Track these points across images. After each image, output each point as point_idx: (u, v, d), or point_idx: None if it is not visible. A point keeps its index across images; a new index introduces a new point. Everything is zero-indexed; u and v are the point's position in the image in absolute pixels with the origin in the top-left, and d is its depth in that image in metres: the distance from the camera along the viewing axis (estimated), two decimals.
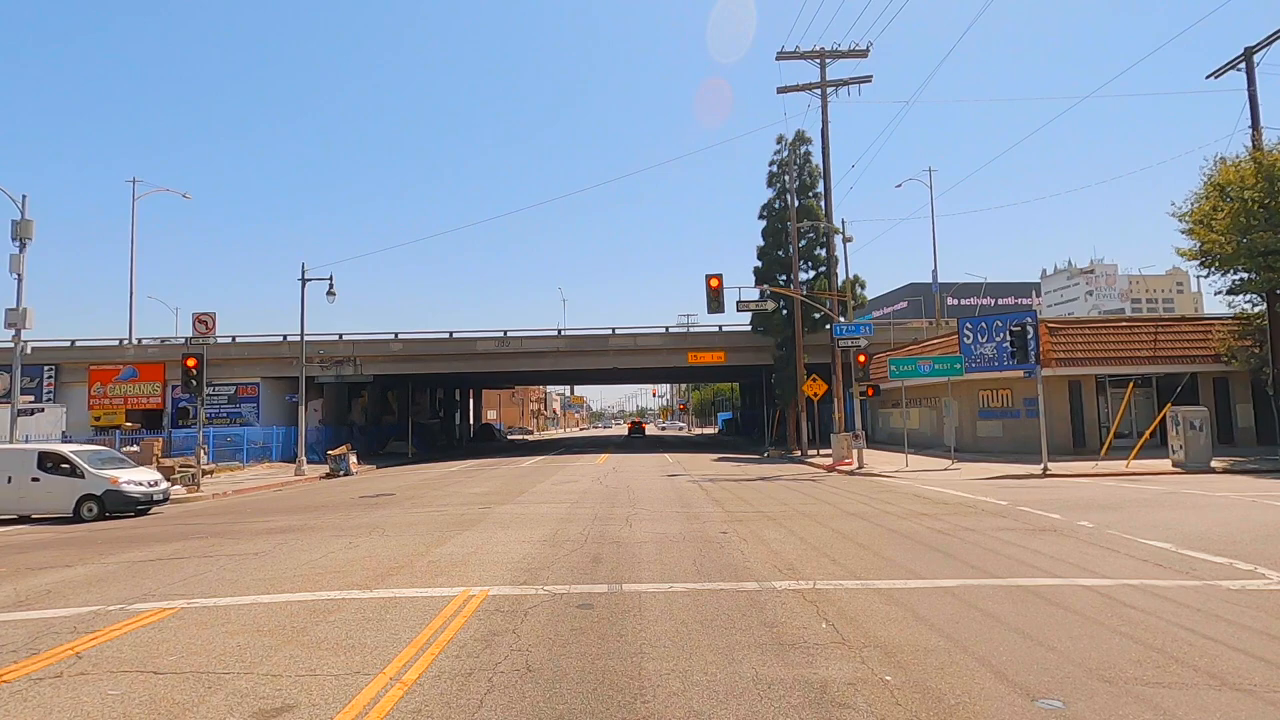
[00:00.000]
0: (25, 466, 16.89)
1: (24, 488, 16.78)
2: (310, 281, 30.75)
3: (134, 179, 41.31)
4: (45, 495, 16.80)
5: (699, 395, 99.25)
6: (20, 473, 16.82)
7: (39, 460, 17.02)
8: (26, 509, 16.96)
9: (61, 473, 16.88)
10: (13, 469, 16.86)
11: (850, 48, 26.05)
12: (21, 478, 16.79)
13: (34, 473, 16.82)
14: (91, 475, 16.93)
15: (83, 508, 16.71)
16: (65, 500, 16.76)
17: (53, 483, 16.84)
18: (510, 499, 17.19)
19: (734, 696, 4.58)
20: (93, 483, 16.86)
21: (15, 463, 16.99)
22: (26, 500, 16.83)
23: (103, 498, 16.78)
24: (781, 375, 35.14)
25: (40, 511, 16.98)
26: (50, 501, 16.84)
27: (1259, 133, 20.84)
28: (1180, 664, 4.97)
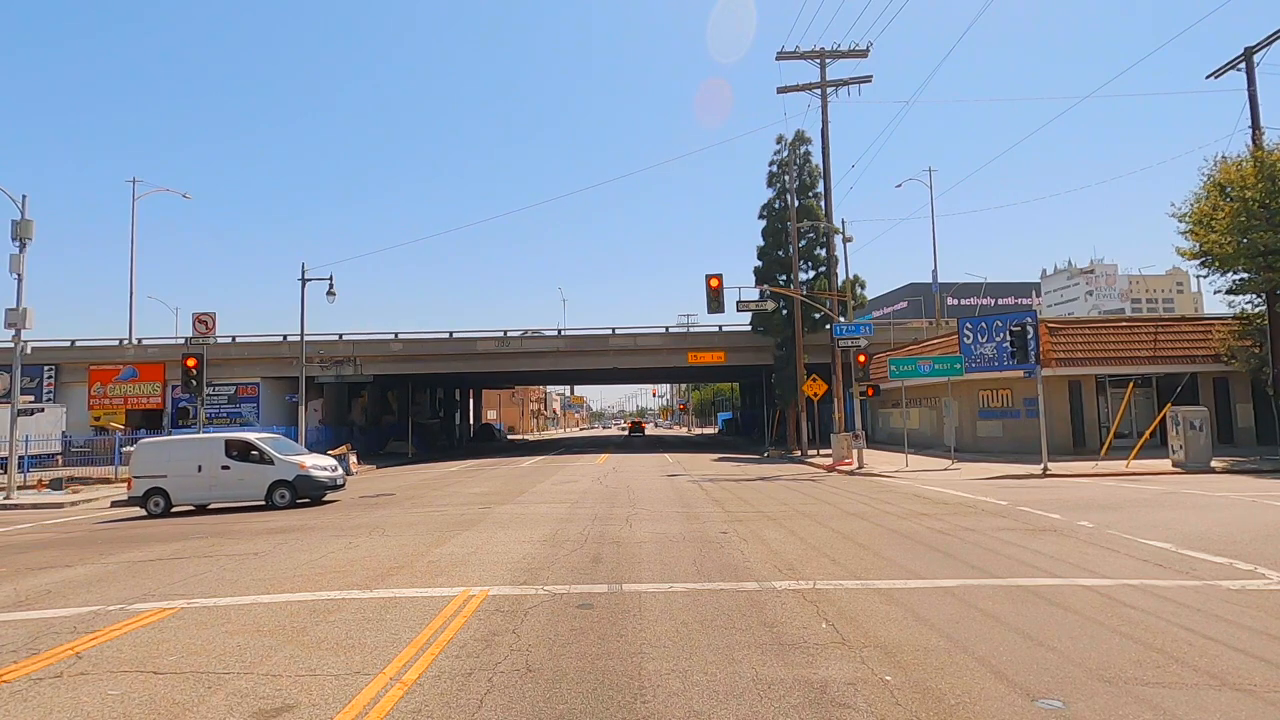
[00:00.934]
0: (214, 455, 16.98)
1: (215, 476, 16.86)
2: (310, 281, 30.76)
3: (134, 179, 41.37)
4: (237, 482, 16.89)
5: (699, 395, 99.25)
6: (210, 461, 16.90)
7: (226, 448, 17.09)
8: (218, 497, 17.04)
9: (251, 460, 16.96)
10: (202, 458, 16.94)
11: (850, 48, 26.04)
12: (211, 466, 16.87)
13: (223, 460, 16.89)
14: (281, 461, 17.04)
15: (275, 494, 16.79)
16: (257, 487, 16.86)
17: (244, 470, 16.91)
18: (510, 499, 17.19)
19: (734, 696, 4.58)
20: (283, 469, 16.95)
21: (204, 451, 17.09)
22: (218, 488, 16.92)
23: (294, 483, 16.87)
24: (781, 375, 35.15)
25: (232, 499, 17.03)
26: (242, 489, 16.93)
27: (1259, 132, 20.84)
28: (1180, 664, 4.97)
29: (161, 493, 16.89)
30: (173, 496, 16.90)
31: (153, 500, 16.85)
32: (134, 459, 17.54)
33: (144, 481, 16.98)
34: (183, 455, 17.16)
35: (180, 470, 16.93)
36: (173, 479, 16.91)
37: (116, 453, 28.25)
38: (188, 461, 16.98)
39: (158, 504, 16.84)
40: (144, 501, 16.89)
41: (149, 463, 17.17)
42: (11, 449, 22.35)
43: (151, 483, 16.93)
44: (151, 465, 17.09)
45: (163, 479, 16.92)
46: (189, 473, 16.89)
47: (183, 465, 16.96)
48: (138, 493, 16.97)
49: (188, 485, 16.92)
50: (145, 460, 17.28)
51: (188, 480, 16.89)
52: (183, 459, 17.06)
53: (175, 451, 17.38)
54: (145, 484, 16.97)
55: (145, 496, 16.88)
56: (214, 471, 16.89)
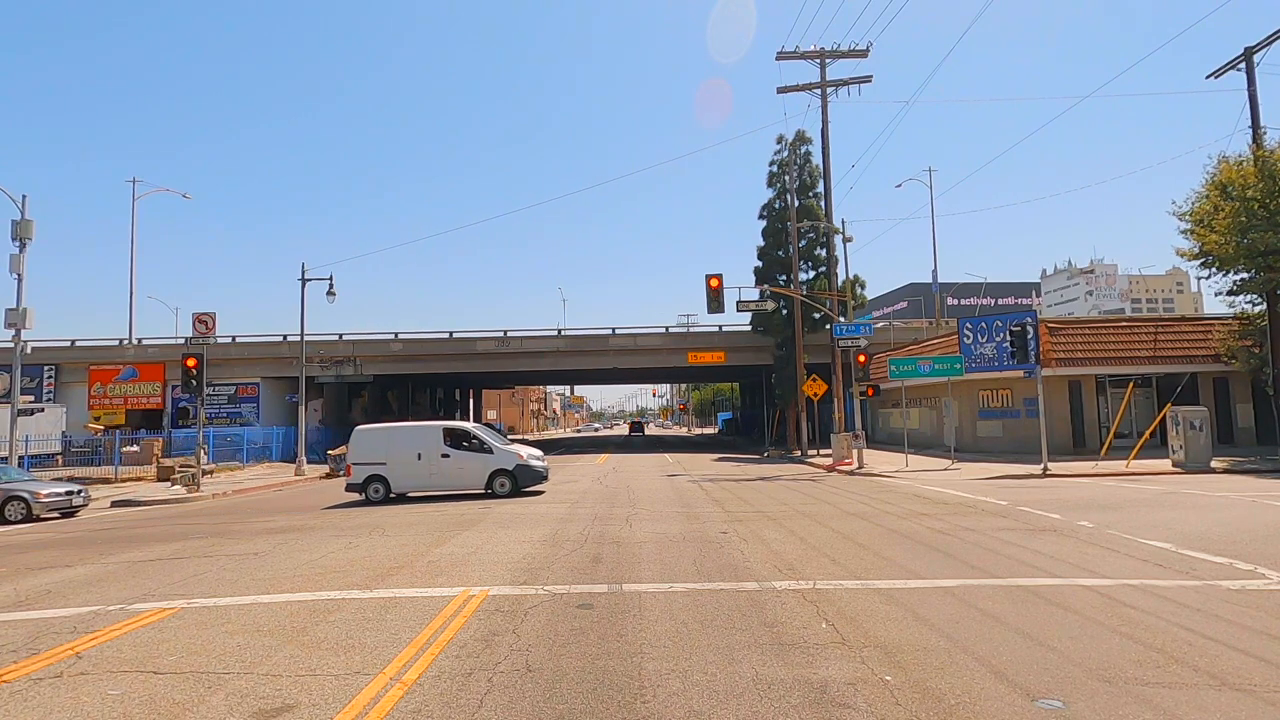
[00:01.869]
0: (434, 443, 16.93)
1: (435, 464, 16.82)
2: (310, 281, 30.74)
3: (134, 179, 41.37)
4: (457, 471, 16.84)
5: (699, 395, 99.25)
6: (430, 449, 16.85)
7: (445, 436, 17.02)
8: (438, 485, 16.99)
9: (470, 449, 16.90)
10: (422, 445, 16.90)
11: (850, 48, 26.04)
12: (431, 454, 16.82)
13: (443, 449, 16.84)
14: (500, 451, 17.01)
15: (495, 482, 16.69)
16: (478, 476, 16.79)
17: (463, 459, 16.85)
18: (510, 499, 17.17)
19: (734, 696, 4.58)
20: (502, 458, 16.90)
21: (424, 439, 17.05)
22: (437, 476, 16.88)
23: (514, 473, 16.81)
24: (781, 375, 35.15)
25: (452, 488, 16.96)
26: (462, 477, 16.86)
27: (1260, 132, 20.84)
28: (1180, 664, 4.97)
29: (382, 480, 16.84)
30: (392, 484, 16.86)
31: (372, 487, 16.80)
32: (353, 445, 17.40)
33: (364, 468, 16.88)
34: (403, 442, 17.08)
35: (400, 458, 16.85)
36: (393, 466, 16.83)
37: (116, 453, 28.26)
38: (408, 449, 16.90)
39: (377, 490, 16.79)
40: (363, 488, 16.84)
41: (368, 450, 17.04)
42: (11, 449, 22.36)
43: (371, 470, 16.84)
44: (371, 452, 16.98)
45: (382, 466, 16.84)
46: (409, 460, 16.81)
47: (403, 453, 16.88)
48: (357, 479, 16.90)
49: (408, 473, 16.88)
50: (364, 447, 17.14)
51: (408, 468, 16.84)
52: (403, 446, 16.98)
53: (395, 439, 17.27)
54: (365, 471, 16.87)
55: (365, 483, 16.84)
56: (434, 460, 16.81)
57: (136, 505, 19.82)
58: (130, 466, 28.46)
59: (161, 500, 20.26)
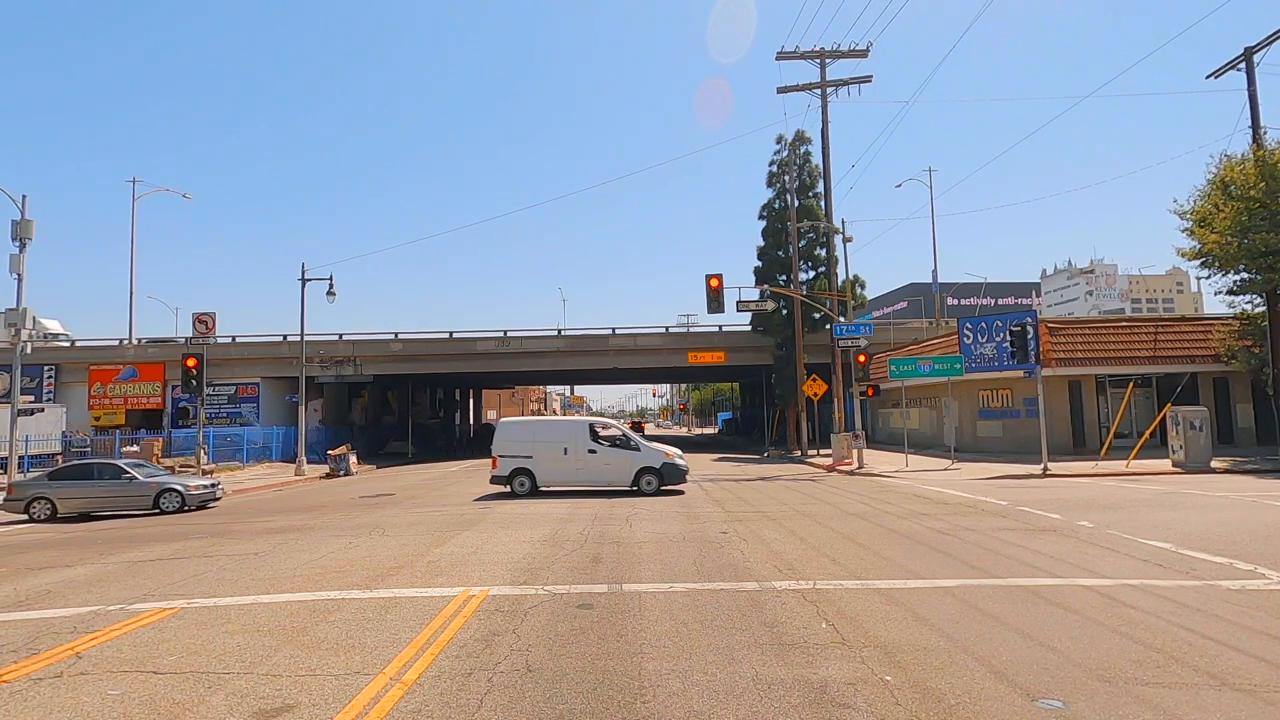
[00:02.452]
0: (580, 438, 16.91)
1: (581, 459, 16.80)
2: (310, 281, 30.74)
3: (134, 179, 41.31)
4: (603, 467, 16.80)
5: (699, 395, 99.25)
6: (576, 444, 16.84)
7: (591, 432, 17.03)
8: (583, 481, 16.96)
9: (616, 445, 16.90)
10: (569, 440, 16.91)
11: (850, 48, 26.04)
12: (578, 449, 16.81)
13: (590, 445, 16.82)
14: (646, 449, 16.99)
15: (641, 480, 16.63)
16: (624, 473, 16.73)
17: (611, 455, 16.82)
18: (510, 498, 17.18)
19: (734, 696, 4.58)
20: (649, 455, 16.88)
21: (570, 434, 17.06)
22: (584, 472, 16.86)
23: (661, 471, 16.73)
24: (781, 375, 35.14)
25: (597, 483, 16.95)
26: (608, 473, 16.82)
27: (1260, 132, 20.84)
28: (1180, 664, 4.97)
29: (528, 473, 16.87)
30: (539, 478, 16.88)
31: (518, 480, 16.83)
32: (498, 438, 17.40)
33: (510, 461, 16.90)
34: (549, 437, 17.13)
35: (546, 452, 16.87)
36: (539, 460, 16.85)
37: (116, 453, 28.26)
38: (554, 444, 16.92)
39: (523, 484, 16.82)
40: (509, 480, 16.85)
41: (514, 443, 17.07)
42: (11, 449, 22.34)
43: (518, 463, 16.85)
44: (516, 445, 16.99)
45: (529, 460, 16.86)
46: (555, 455, 16.83)
47: (549, 447, 16.90)
48: (503, 472, 16.93)
49: (554, 468, 16.88)
50: (510, 440, 17.16)
51: (554, 463, 16.84)
52: (549, 441, 17.01)
53: (540, 433, 17.31)
54: (511, 464, 16.89)
55: (511, 476, 16.85)
56: (580, 455, 16.79)
57: None
58: None
59: None
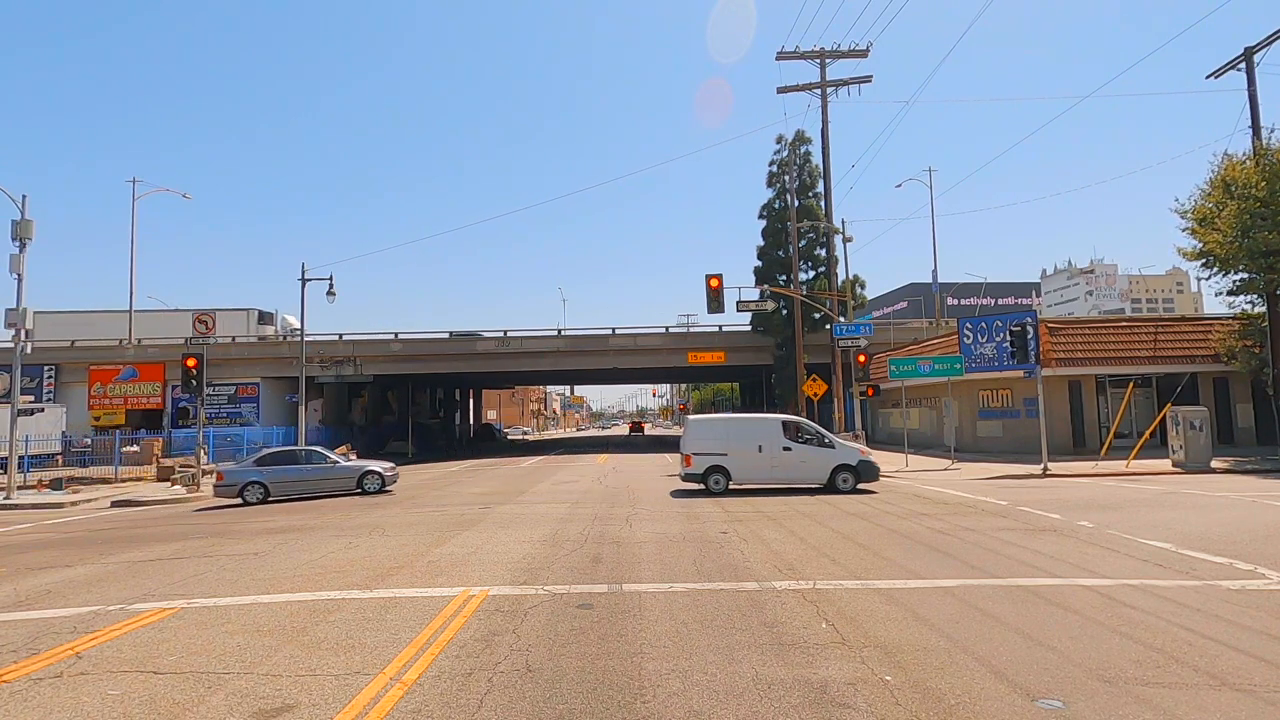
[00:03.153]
0: (774, 436, 16.79)
1: (776, 457, 16.66)
2: (310, 281, 30.76)
3: (134, 179, 41.31)
4: (799, 464, 16.68)
5: (699, 395, 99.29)
6: (770, 442, 16.72)
7: (785, 430, 16.93)
8: (779, 479, 16.87)
9: (811, 443, 16.79)
10: (762, 438, 16.79)
11: (850, 48, 26.06)
12: (772, 447, 16.69)
13: (784, 442, 16.72)
14: (841, 446, 16.88)
15: (838, 478, 16.51)
16: (820, 470, 16.63)
17: (806, 452, 16.69)
18: (510, 499, 17.19)
19: (734, 696, 4.58)
20: (845, 453, 16.74)
21: (764, 432, 16.94)
22: (779, 470, 16.74)
23: (858, 468, 16.62)
24: (781, 375, 35.17)
25: (792, 481, 16.90)
26: (804, 471, 16.71)
27: (1260, 132, 20.84)
28: (1180, 664, 4.97)
29: (723, 471, 16.79)
30: (734, 476, 16.83)
31: (713, 478, 16.77)
32: (690, 436, 17.30)
33: (704, 459, 16.83)
34: (742, 435, 17.02)
35: (741, 450, 16.80)
36: (733, 458, 16.78)
37: (116, 453, 28.26)
38: (748, 441, 16.84)
39: (718, 482, 16.76)
40: (704, 479, 16.82)
41: (707, 441, 17.01)
42: (11, 449, 22.34)
43: (713, 461, 16.79)
44: (710, 443, 16.94)
45: (724, 457, 16.81)
46: (750, 452, 16.75)
47: (743, 445, 16.82)
48: (698, 470, 16.83)
49: (749, 465, 16.79)
50: (702, 438, 17.09)
51: (749, 460, 16.76)
52: (743, 438, 16.91)
53: (734, 430, 17.23)
54: (706, 461, 16.81)
55: (706, 474, 16.81)
56: (775, 453, 16.69)
57: (136, 505, 19.82)
58: (130, 466, 28.44)
59: (161, 500, 20.26)
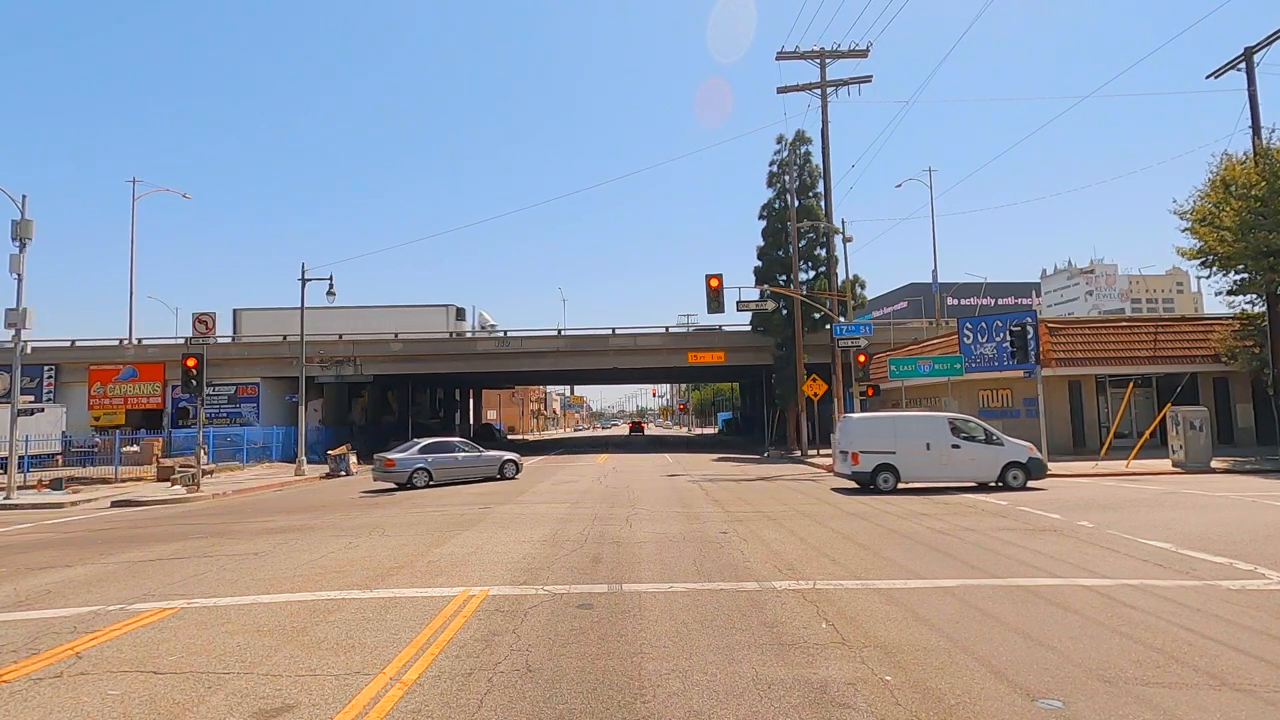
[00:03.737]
0: (942, 434, 16.83)
1: (945, 455, 16.70)
2: (310, 281, 30.70)
3: (134, 179, 41.34)
4: (968, 462, 16.70)
5: (699, 395, 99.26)
6: (939, 440, 16.77)
7: (952, 428, 16.95)
8: (947, 476, 16.89)
9: (979, 440, 16.78)
10: (930, 436, 16.83)
11: (850, 48, 26.04)
12: (941, 445, 16.73)
13: (952, 440, 16.75)
14: (1010, 443, 16.82)
15: (1008, 475, 16.47)
16: (990, 468, 16.63)
17: (975, 450, 16.67)
18: (510, 499, 17.19)
19: (734, 696, 4.58)
20: (1013, 450, 16.69)
21: (931, 430, 16.97)
22: (948, 468, 16.77)
23: (1027, 465, 16.58)
24: (781, 375, 35.14)
25: (961, 479, 16.87)
26: (973, 468, 16.72)
27: (1260, 132, 20.84)
28: (1180, 664, 4.97)
29: (891, 469, 16.86)
30: (902, 473, 16.89)
31: (881, 476, 16.83)
32: (855, 434, 17.32)
33: (872, 457, 16.90)
34: (909, 432, 17.06)
35: (909, 448, 16.86)
36: (901, 455, 16.84)
37: (116, 453, 28.25)
38: (916, 439, 16.89)
39: (886, 480, 16.81)
40: (873, 477, 16.85)
41: (873, 439, 17.07)
42: (11, 449, 22.33)
43: (880, 459, 16.86)
44: (876, 441, 17.00)
45: (891, 455, 16.86)
46: (918, 450, 16.81)
47: (911, 442, 16.89)
48: (865, 468, 16.91)
49: (917, 463, 16.83)
50: (868, 436, 17.14)
51: (917, 458, 16.81)
52: (910, 436, 16.96)
53: (900, 428, 17.24)
54: (874, 460, 16.87)
55: (874, 473, 16.85)
56: (944, 450, 16.72)
57: (136, 505, 19.80)
58: (130, 466, 28.41)
59: (161, 500, 20.24)
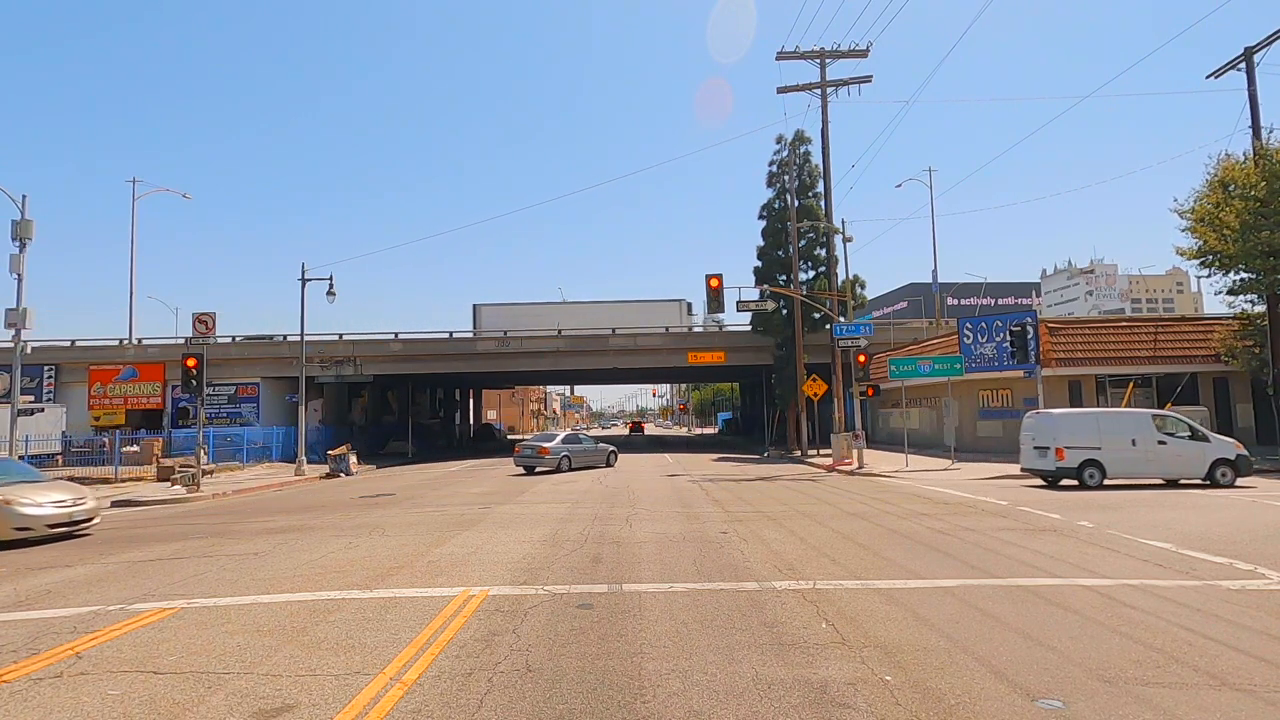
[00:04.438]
0: (1146, 430, 16.78)
1: (1151, 451, 16.64)
2: (310, 281, 30.71)
3: (134, 179, 41.33)
4: (1174, 458, 16.65)
5: (699, 395, 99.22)
6: (1144, 436, 16.72)
7: (1155, 423, 16.86)
8: (1153, 473, 16.85)
9: (1185, 437, 16.71)
10: (1135, 432, 16.78)
11: (850, 48, 26.04)
12: (1147, 441, 16.69)
13: (1158, 436, 16.69)
14: (1216, 440, 16.75)
15: (1217, 471, 16.38)
16: (1198, 464, 16.54)
17: (1181, 446, 16.61)
18: (510, 499, 17.18)
19: (734, 696, 4.58)
20: (1221, 447, 16.60)
21: (1136, 426, 16.91)
22: (1154, 464, 16.73)
23: (1236, 462, 16.46)
24: (781, 375, 35.15)
25: (1167, 475, 16.84)
26: (1180, 465, 16.68)
27: (1260, 132, 20.84)
28: (1180, 664, 4.97)
29: (1097, 465, 16.82)
30: (1108, 470, 16.84)
31: (1087, 472, 16.80)
32: (1059, 430, 17.20)
33: (1077, 453, 16.87)
34: (1114, 428, 17.00)
35: (1114, 444, 16.82)
36: (1107, 452, 16.81)
37: (116, 453, 28.25)
38: (1121, 435, 16.85)
39: (1092, 475, 16.77)
40: (1079, 473, 16.84)
41: (1077, 434, 17.02)
42: (11, 449, 22.34)
43: (1085, 454, 16.84)
44: (1080, 437, 16.97)
45: (1097, 451, 16.84)
46: (1123, 446, 16.77)
47: (1116, 439, 16.84)
48: (1071, 464, 16.89)
49: (1123, 459, 16.77)
50: (1070, 431, 17.07)
51: (1123, 454, 16.76)
52: (1115, 432, 16.92)
53: (1105, 424, 17.17)
54: (1080, 455, 16.84)
55: (1080, 468, 16.84)
56: (1149, 446, 16.68)
57: (136, 505, 19.80)
58: (130, 466, 28.40)
59: (161, 500, 20.24)
